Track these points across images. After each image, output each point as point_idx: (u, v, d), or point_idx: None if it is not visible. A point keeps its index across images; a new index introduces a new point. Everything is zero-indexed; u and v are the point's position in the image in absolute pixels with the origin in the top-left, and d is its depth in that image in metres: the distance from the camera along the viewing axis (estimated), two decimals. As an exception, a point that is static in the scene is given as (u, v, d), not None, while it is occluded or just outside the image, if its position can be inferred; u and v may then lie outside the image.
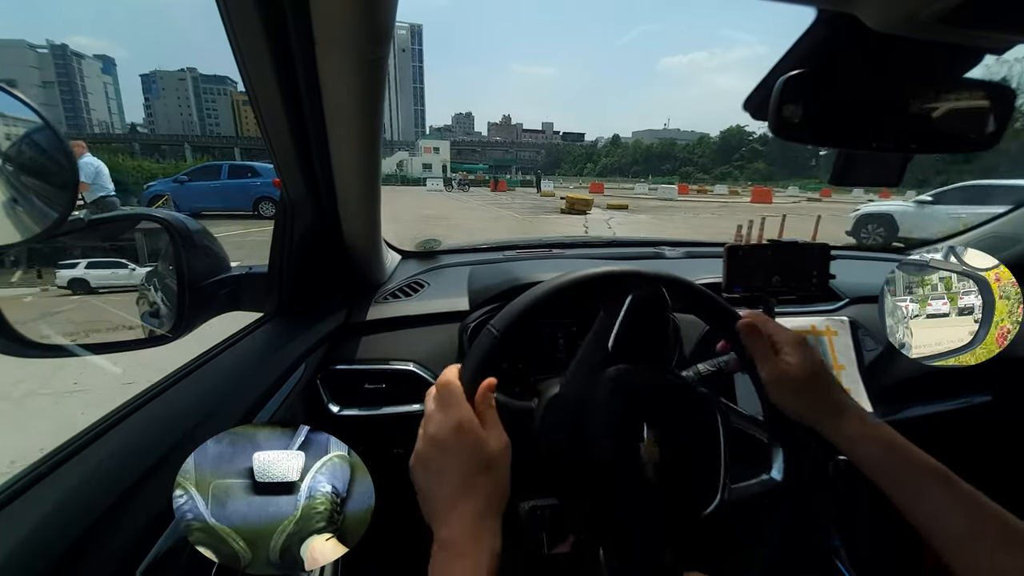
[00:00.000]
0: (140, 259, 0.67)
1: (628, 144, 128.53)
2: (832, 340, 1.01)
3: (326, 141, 0.61)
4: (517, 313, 0.52)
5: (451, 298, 0.96)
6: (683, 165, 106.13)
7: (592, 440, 0.52)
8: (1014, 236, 1.17)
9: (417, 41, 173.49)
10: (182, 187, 10.31)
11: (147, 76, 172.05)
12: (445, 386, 0.46)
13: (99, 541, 0.37)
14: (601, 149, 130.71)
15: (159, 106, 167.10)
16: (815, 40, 0.39)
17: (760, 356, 0.53)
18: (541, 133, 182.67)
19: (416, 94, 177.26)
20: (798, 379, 0.50)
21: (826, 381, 0.51)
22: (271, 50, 0.49)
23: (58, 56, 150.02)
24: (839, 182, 0.47)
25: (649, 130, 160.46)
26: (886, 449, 0.45)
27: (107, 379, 2.35)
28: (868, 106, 0.40)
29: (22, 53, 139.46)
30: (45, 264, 0.61)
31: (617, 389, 0.53)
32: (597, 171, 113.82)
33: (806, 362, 0.51)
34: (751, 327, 0.54)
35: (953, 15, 0.30)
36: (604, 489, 0.51)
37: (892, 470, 0.45)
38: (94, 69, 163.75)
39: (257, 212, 10.14)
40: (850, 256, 1.38)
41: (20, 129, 0.42)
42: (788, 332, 0.53)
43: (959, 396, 1.07)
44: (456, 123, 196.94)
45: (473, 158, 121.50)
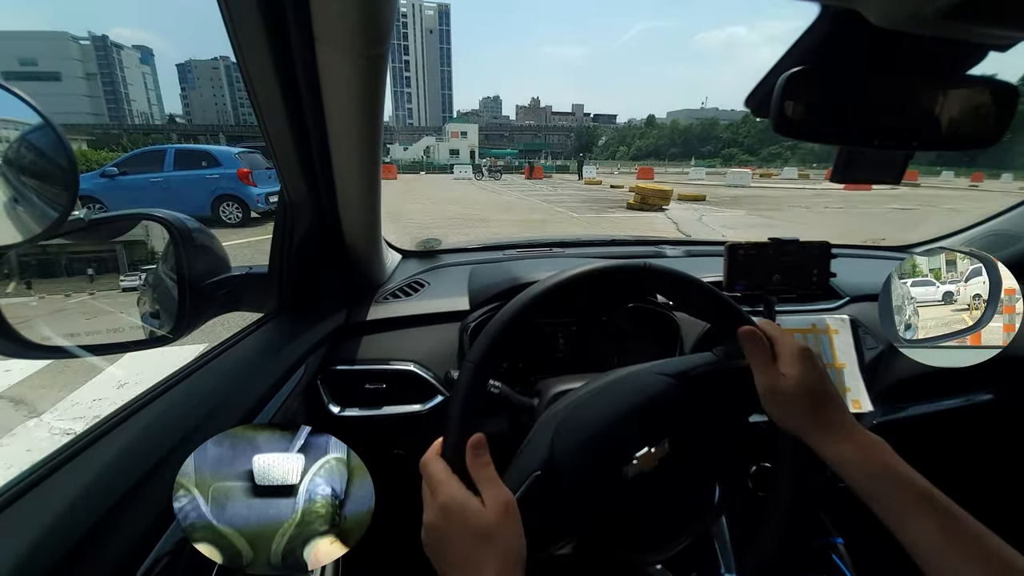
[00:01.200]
0: (121, 270, 0.66)
1: (664, 125, 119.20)
2: (833, 338, 1.01)
3: (326, 140, 0.61)
4: (494, 335, 0.48)
5: (451, 298, 0.96)
6: (726, 146, 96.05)
7: (597, 446, 0.51)
8: (1014, 234, 1.17)
9: (445, 22, 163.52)
10: (111, 183, 7.53)
11: (182, 66, 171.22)
12: (424, 469, 0.45)
13: (100, 542, 0.37)
14: (635, 130, 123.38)
15: (194, 96, 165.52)
16: (818, 36, 0.39)
17: (757, 364, 0.51)
18: (571, 115, 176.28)
19: (444, 77, 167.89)
20: (792, 392, 0.49)
21: (822, 397, 0.49)
22: (271, 48, 0.49)
23: (99, 48, 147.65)
24: (841, 179, 0.47)
25: (686, 110, 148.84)
26: (875, 473, 0.44)
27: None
28: (871, 103, 0.40)
29: (66, 46, 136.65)
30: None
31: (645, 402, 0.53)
32: (631, 154, 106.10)
33: (804, 375, 0.49)
34: (751, 333, 0.52)
35: (956, 11, 0.30)
36: (604, 489, 0.51)
37: (880, 495, 0.43)
38: (133, 60, 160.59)
39: (217, 216, 7.55)
40: (850, 254, 1.38)
41: (21, 128, 0.42)
42: (792, 342, 0.51)
43: (960, 394, 1.07)
44: (484, 107, 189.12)
45: (501, 143, 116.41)
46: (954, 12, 0.30)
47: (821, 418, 0.48)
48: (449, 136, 75.77)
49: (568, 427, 0.52)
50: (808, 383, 0.49)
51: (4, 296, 0.53)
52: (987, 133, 0.42)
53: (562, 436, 0.52)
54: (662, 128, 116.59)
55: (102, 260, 0.65)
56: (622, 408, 0.53)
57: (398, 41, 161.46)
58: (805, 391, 0.49)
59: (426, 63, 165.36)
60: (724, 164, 53.64)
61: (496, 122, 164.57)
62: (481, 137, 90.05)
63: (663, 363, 0.59)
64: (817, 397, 0.49)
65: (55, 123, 0.42)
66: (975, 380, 1.04)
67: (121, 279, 0.65)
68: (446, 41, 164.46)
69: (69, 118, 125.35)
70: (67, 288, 0.61)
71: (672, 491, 0.54)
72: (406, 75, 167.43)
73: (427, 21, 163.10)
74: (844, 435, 0.47)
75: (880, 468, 0.44)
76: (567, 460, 0.50)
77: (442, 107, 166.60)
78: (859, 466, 0.45)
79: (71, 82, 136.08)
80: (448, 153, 67.77)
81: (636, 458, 0.50)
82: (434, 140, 75.62)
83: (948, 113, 0.41)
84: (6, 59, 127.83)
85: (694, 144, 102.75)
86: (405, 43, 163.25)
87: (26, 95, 0.40)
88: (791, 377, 0.49)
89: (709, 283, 0.57)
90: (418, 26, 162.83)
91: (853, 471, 0.45)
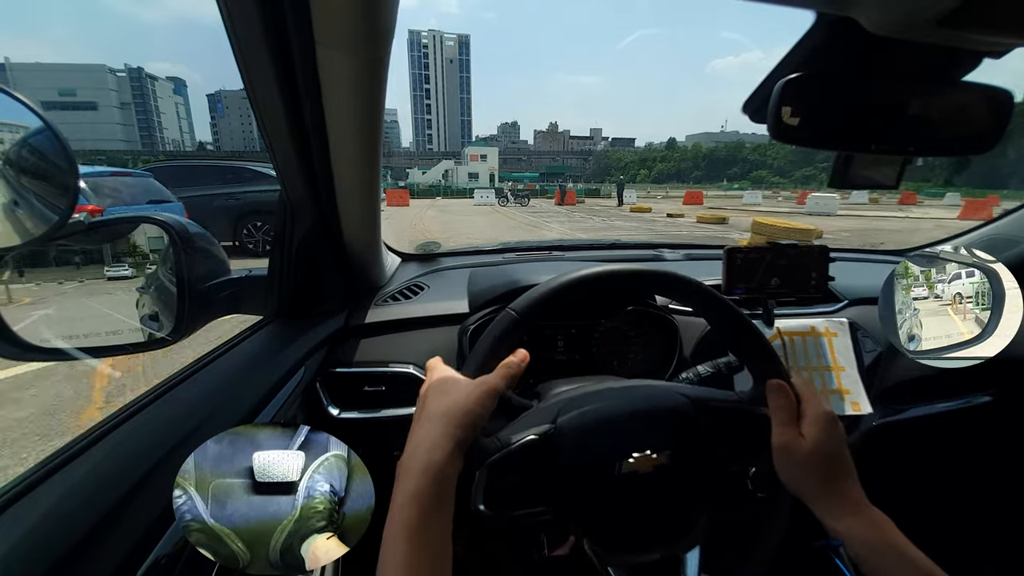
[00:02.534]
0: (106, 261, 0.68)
1: (686, 148, 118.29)
2: (832, 341, 1.01)
3: (326, 142, 0.61)
4: (546, 293, 0.51)
5: (451, 300, 0.96)
6: (754, 168, 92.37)
7: (600, 431, 0.52)
8: (1012, 238, 1.18)
9: (465, 52, 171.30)
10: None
11: (212, 96, 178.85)
12: (430, 365, 0.52)
13: (100, 542, 0.37)
14: (655, 153, 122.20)
15: (223, 124, 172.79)
16: (814, 43, 0.39)
17: (778, 420, 0.50)
18: (589, 139, 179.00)
19: (463, 104, 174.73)
20: (808, 455, 0.48)
21: (838, 466, 0.48)
22: (271, 50, 0.50)
23: (134, 79, 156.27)
24: (839, 185, 0.47)
25: (705, 133, 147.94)
26: (882, 551, 0.44)
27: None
28: (867, 109, 0.40)
29: (103, 77, 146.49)
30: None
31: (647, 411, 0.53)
32: (652, 177, 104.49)
33: (824, 441, 0.48)
34: (781, 388, 0.51)
35: (951, 18, 0.30)
36: (592, 476, 0.51)
37: (885, 572, 0.43)
38: (166, 90, 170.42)
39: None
40: (849, 258, 1.38)
41: (21, 131, 0.42)
42: (819, 405, 0.50)
43: (960, 396, 1.07)
44: (502, 132, 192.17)
45: (519, 167, 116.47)
46: (948, 19, 0.30)
47: (832, 487, 0.47)
48: (468, 159, 73.74)
49: (575, 406, 0.53)
50: (826, 449, 0.48)
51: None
52: (983, 138, 0.42)
53: (569, 414, 0.52)
54: (684, 151, 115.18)
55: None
56: (637, 406, 0.54)
57: (419, 71, 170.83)
58: (822, 457, 0.47)
59: (446, 91, 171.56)
60: (753, 186, 51.25)
61: (515, 146, 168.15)
62: (500, 161, 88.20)
63: (686, 387, 0.59)
64: (832, 465, 0.48)
65: (55, 126, 0.42)
66: (974, 382, 1.04)
67: (106, 270, 0.66)
68: (466, 70, 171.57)
69: (103, 144, 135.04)
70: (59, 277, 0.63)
71: (657, 501, 0.54)
72: (427, 103, 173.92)
73: (447, 51, 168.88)
74: (853, 509, 0.46)
75: (887, 546, 0.43)
76: (566, 435, 0.51)
77: (462, 133, 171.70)
78: (866, 542, 0.44)
79: (106, 111, 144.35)
80: (467, 177, 66.07)
81: (633, 456, 0.50)
82: (453, 164, 73.37)
83: (944, 118, 0.41)
84: (47, 90, 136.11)
85: (720, 167, 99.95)
86: (426, 72, 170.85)
87: (27, 99, 0.40)
88: (810, 440, 0.48)
89: (710, 285, 0.57)
90: (439, 55, 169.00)
91: (860, 546, 0.44)
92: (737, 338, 0.57)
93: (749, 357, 0.57)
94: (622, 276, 0.54)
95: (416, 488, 0.39)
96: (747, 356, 0.57)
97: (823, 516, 0.47)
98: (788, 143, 0.40)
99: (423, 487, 0.39)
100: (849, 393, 0.98)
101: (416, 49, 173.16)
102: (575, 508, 0.53)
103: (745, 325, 0.56)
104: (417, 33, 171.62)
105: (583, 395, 0.56)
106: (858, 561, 0.44)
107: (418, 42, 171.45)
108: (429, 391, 0.47)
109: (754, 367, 0.57)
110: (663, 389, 0.57)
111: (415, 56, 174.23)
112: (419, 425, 0.44)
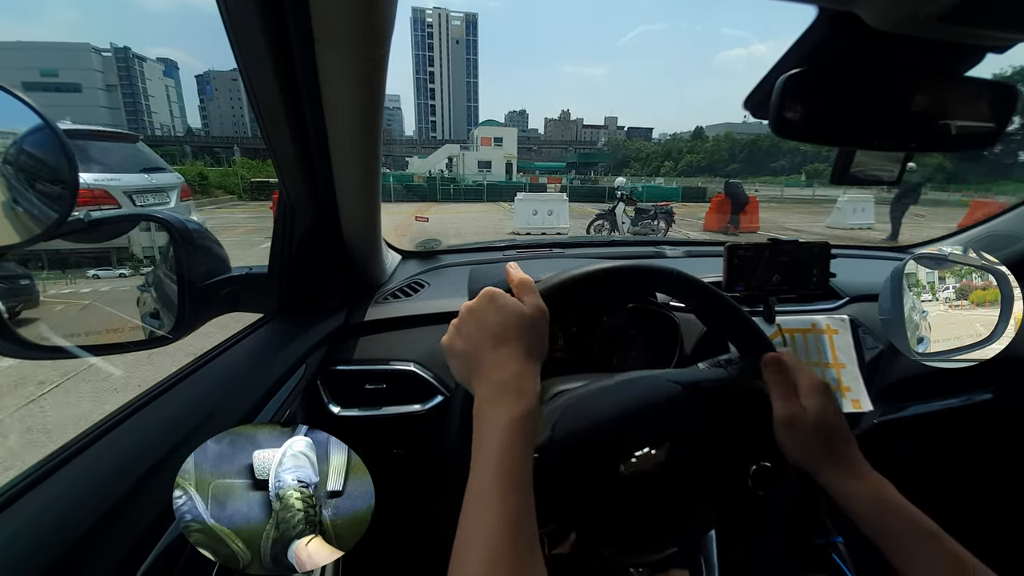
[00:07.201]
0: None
1: (718, 138, 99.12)
2: (832, 338, 1.01)
3: (326, 141, 0.61)
4: (576, 277, 0.51)
5: (451, 298, 0.96)
6: (808, 161, 75.89)
7: (599, 438, 0.52)
8: (1012, 234, 1.17)
9: (472, 32, 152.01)
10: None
11: (201, 77, 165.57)
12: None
13: (100, 542, 0.37)
14: (680, 143, 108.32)
15: (212, 107, 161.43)
16: (816, 39, 0.39)
17: (778, 394, 0.52)
18: (604, 128, 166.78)
19: (469, 89, 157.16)
20: (810, 425, 0.49)
21: (837, 432, 0.50)
22: (271, 49, 0.49)
23: (120, 59, 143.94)
24: (839, 181, 0.47)
25: (726, 123, 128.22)
26: (879, 509, 0.45)
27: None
28: (869, 105, 0.40)
29: (87, 57, 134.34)
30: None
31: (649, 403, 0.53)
32: (679, 170, 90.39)
33: (823, 410, 0.50)
34: (777, 361, 0.53)
35: (954, 13, 0.30)
36: (598, 482, 0.51)
37: (888, 532, 0.44)
38: (156, 72, 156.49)
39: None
40: (850, 255, 1.38)
41: (20, 129, 0.42)
42: (812, 376, 0.52)
43: (960, 394, 1.07)
44: (510, 121, 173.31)
45: (529, 156, 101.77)
46: (950, 15, 0.30)
47: (836, 454, 0.49)
48: (479, 144, 53.22)
49: (572, 415, 0.53)
50: (825, 418, 0.49)
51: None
52: (986, 133, 0.42)
53: (565, 422, 0.52)
54: (716, 141, 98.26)
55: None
56: (630, 405, 0.53)
57: (423, 52, 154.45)
58: (822, 425, 0.49)
59: (452, 74, 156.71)
60: (808, 182, 41.39)
61: (524, 135, 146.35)
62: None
63: (676, 372, 0.59)
64: (832, 432, 0.49)
65: (54, 124, 0.42)
66: (975, 380, 1.04)
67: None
68: (472, 52, 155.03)
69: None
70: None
71: (666, 496, 0.54)
72: (430, 87, 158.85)
73: (454, 32, 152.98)
74: (854, 471, 0.48)
75: (883, 502, 0.45)
76: (566, 445, 0.50)
77: (467, 120, 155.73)
78: (868, 503, 0.45)
79: (90, 93, 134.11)
80: (476, 166, 47.88)
81: (636, 457, 0.50)
82: (458, 150, 51.27)
83: (946, 114, 0.41)
84: (29, 70, 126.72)
85: (761, 158, 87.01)
86: (430, 54, 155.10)
87: (27, 97, 0.40)
88: (809, 410, 0.50)
89: (710, 282, 0.57)
90: (444, 36, 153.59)
91: (862, 507, 0.45)
92: (721, 316, 0.58)
93: (734, 332, 0.58)
94: (622, 273, 0.54)
95: (522, 411, 0.38)
96: (732, 331, 0.59)
97: (827, 481, 0.48)
98: (790, 139, 0.39)
99: (521, 414, 0.38)
100: (850, 390, 0.98)
101: (420, 28, 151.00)
102: (586, 518, 0.53)
103: (723, 302, 0.57)
104: (421, 11, 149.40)
105: (579, 398, 0.55)
106: (861, 522, 0.45)
107: (422, 20, 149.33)
108: (491, 312, 0.45)
109: (740, 342, 0.58)
110: (656, 380, 0.57)
111: (419, 36, 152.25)
112: (500, 338, 0.43)
